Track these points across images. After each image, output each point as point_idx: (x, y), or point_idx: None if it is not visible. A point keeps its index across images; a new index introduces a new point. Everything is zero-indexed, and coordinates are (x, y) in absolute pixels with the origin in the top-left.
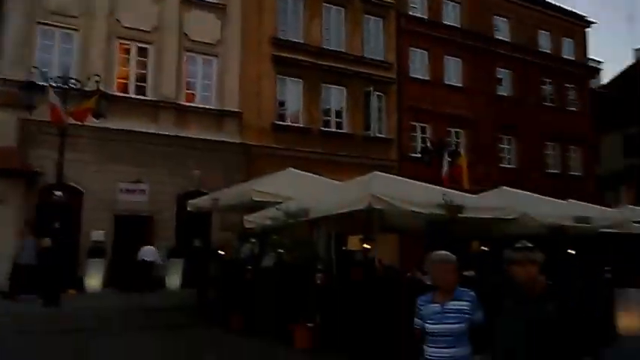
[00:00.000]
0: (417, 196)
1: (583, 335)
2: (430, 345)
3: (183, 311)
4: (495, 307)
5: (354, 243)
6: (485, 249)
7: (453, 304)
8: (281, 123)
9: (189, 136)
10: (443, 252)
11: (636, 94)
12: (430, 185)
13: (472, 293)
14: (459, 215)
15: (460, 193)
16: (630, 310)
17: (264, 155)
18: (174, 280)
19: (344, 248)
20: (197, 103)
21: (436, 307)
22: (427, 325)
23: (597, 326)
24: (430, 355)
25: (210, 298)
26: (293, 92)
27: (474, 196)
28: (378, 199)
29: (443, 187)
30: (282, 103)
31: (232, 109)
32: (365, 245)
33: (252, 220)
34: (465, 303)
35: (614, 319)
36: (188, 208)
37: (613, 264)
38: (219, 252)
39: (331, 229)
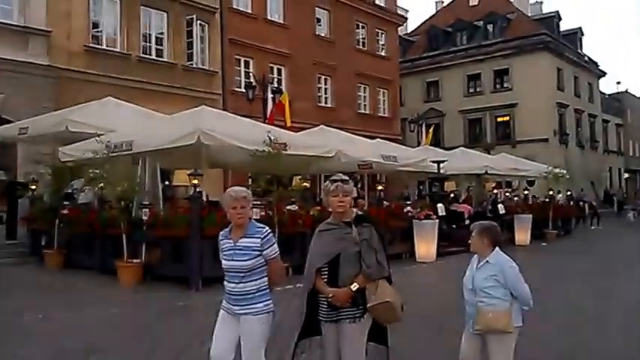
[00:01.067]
0: (244, 132)
1: (381, 255)
2: (226, 280)
3: None
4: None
5: (180, 178)
6: (307, 185)
7: (244, 241)
8: (95, 46)
9: None
10: (237, 188)
11: (436, 45)
12: (256, 122)
13: (265, 229)
14: (284, 152)
15: (284, 130)
16: (425, 240)
17: (76, 81)
18: None
19: (167, 183)
20: None
21: (229, 243)
22: (222, 261)
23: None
24: (226, 290)
25: (22, 235)
26: (109, 13)
27: (296, 134)
28: (207, 134)
29: (268, 124)
30: (96, 25)
31: (39, 27)
32: (193, 180)
33: (69, 152)
34: (255, 240)
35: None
36: None
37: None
38: (31, 187)
39: (157, 164)
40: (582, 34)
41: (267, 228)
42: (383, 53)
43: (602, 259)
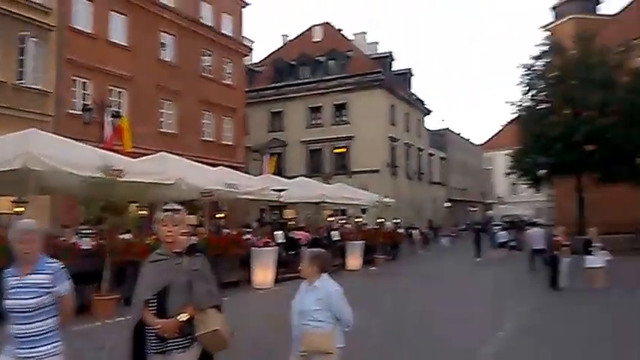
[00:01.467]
0: (77, 157)
1: (212, 284)
2: (11, 322)
3: None
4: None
5: (2, 205)
6: (144, 213)
7: (32, 278)
8: None
9: None
10: (25, 220)
11: (281, 77)
12: (90, 147)
13: (56, 265)
14: (119, 179)
15: (121, 157)
16: (262, 266)
17: None
18: None
19: None
20: None
21: (14, 280)
22: (5, 300)
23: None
24: (10, 332)
25: None
26: None
27: (134, 160)
28: (36, 159)
29: (106, 149)
30: None
31: None
32: (16, 208)
33: None
34: (45, 276)
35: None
36: None
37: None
38: None
39: None
40: (412, 75)
41: (59, 263)
42: (229, 82)
43: (422, 279)
